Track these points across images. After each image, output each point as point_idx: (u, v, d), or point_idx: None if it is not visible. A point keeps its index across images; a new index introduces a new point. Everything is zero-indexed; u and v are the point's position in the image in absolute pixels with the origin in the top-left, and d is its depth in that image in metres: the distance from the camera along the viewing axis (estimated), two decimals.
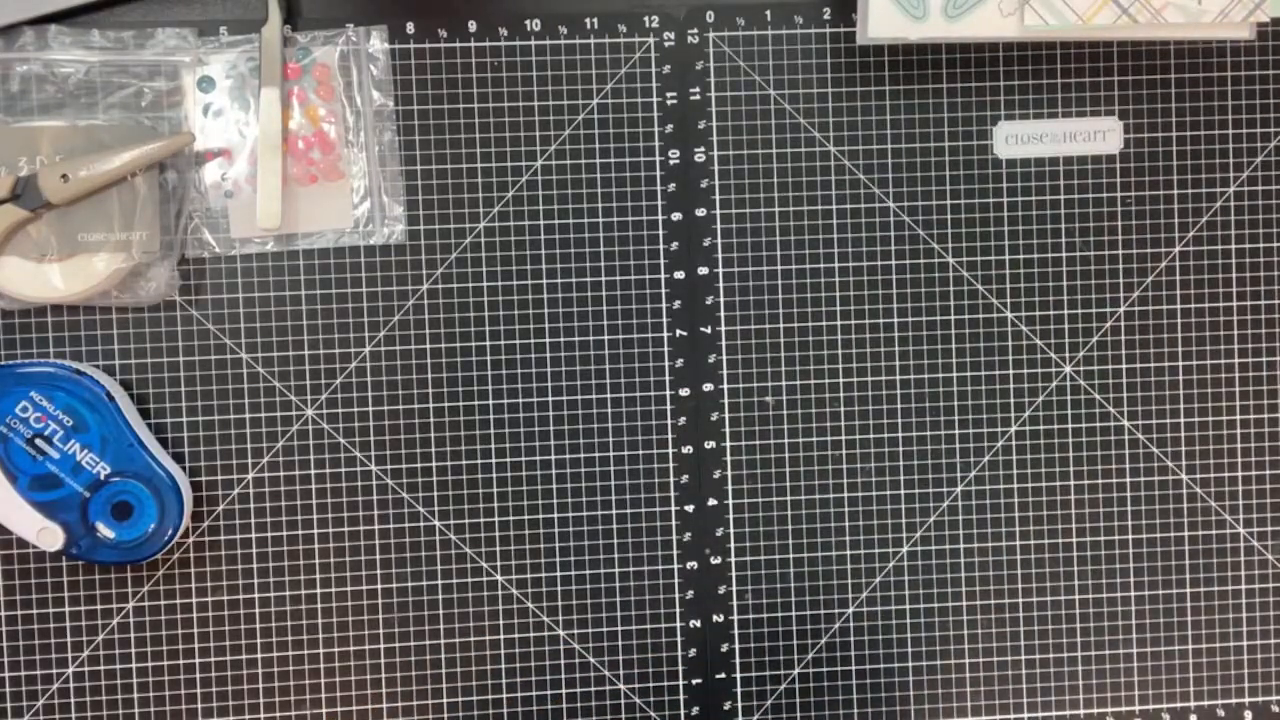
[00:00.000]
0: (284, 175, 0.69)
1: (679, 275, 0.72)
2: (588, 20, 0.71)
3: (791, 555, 0.73)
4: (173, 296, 0.70)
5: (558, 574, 0.72)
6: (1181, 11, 0.67)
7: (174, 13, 0.70)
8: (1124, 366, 0.74)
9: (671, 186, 0.72)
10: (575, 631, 0.72)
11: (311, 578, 0.71)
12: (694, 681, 0.73)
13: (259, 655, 0.71)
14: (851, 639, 0.74)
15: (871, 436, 0.73)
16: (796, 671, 0.74)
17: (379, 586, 0.71)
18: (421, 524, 0.72)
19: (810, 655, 0.74)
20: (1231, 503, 0.74)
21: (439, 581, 0.72)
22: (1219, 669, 0.75)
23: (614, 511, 0.72)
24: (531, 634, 0.72)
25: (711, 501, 0.73)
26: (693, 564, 0.73)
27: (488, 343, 0.71)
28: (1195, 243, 0.74)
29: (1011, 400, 0.74)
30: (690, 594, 0.73)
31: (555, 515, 0.72)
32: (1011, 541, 0.74)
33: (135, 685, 0.71)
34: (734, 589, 0.73)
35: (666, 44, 0.72)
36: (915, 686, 0.74)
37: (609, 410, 0.72)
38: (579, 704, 0.73)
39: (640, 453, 0.72)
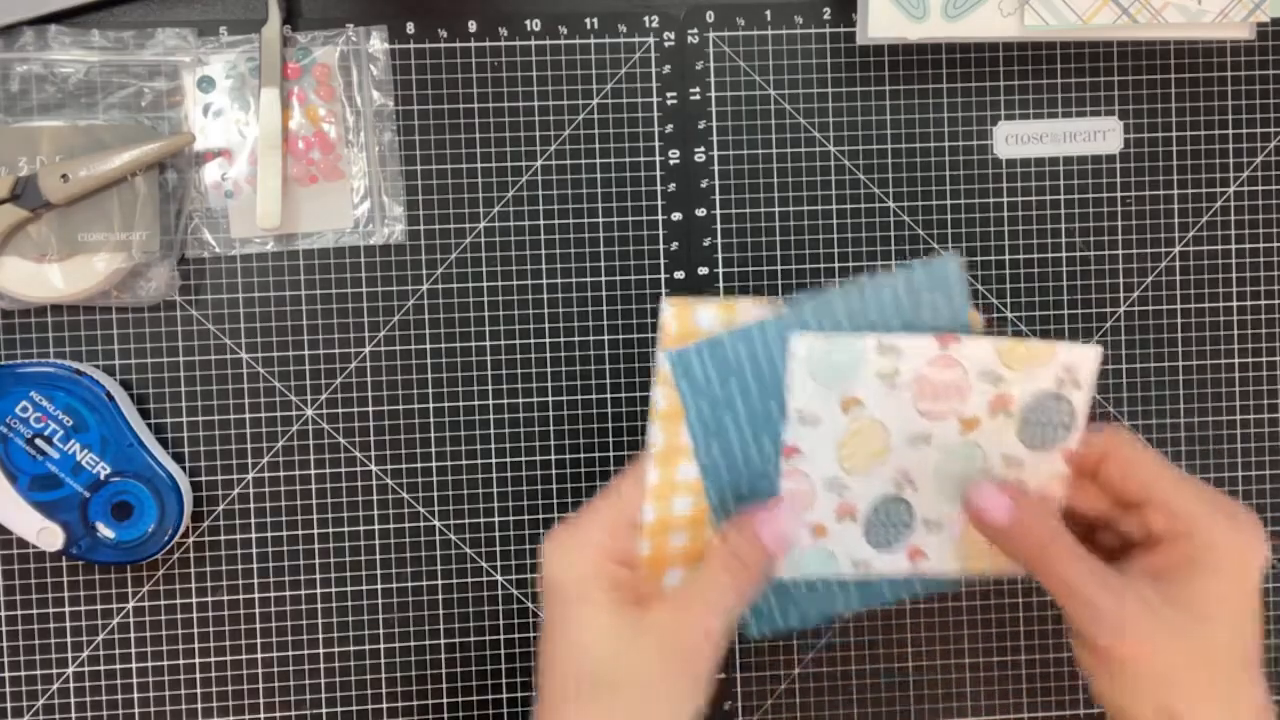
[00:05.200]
0: (284, 175, 0.69)
1: (679, 275, 0.72)
2: (588, 20, 0.71)
3: None
4: (173, 296, 0.70)
5: None
6: (1181, 11, 0.67)
7: (174, 13, 0.70)
8: (1124, 366, 0.74)
9: (671, 186, 0.72)
10: None
11: (311, 578, 0.71)
12: None
13: (259, 655, 0.71)
14: (851, 639, 0.74)
15: None
16: (796, 671, 0.74)
17: (379, 586, 0.71)
18: (421, 524, 0.72)
19: (810, 655, 0.74)
20: None
21: (439, 581, 0.72)
22: None
23: None
24: (531, 635, 0.72)
25: None
26: None
27: (488, 343, 0.71)
28: (1195, 243, 0.74)
29: None
30: None
31: (555, 516, 0.72)
32: None
33: (135, 685, 0.71)
34: None
35: (666, 44, 0.72)
36: (915, 686, 0.74)
37: (609, 410, 0.72)
38: None
39: (640, 453, 0.72)
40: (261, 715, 0.71)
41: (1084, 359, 0.56)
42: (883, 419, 0.56)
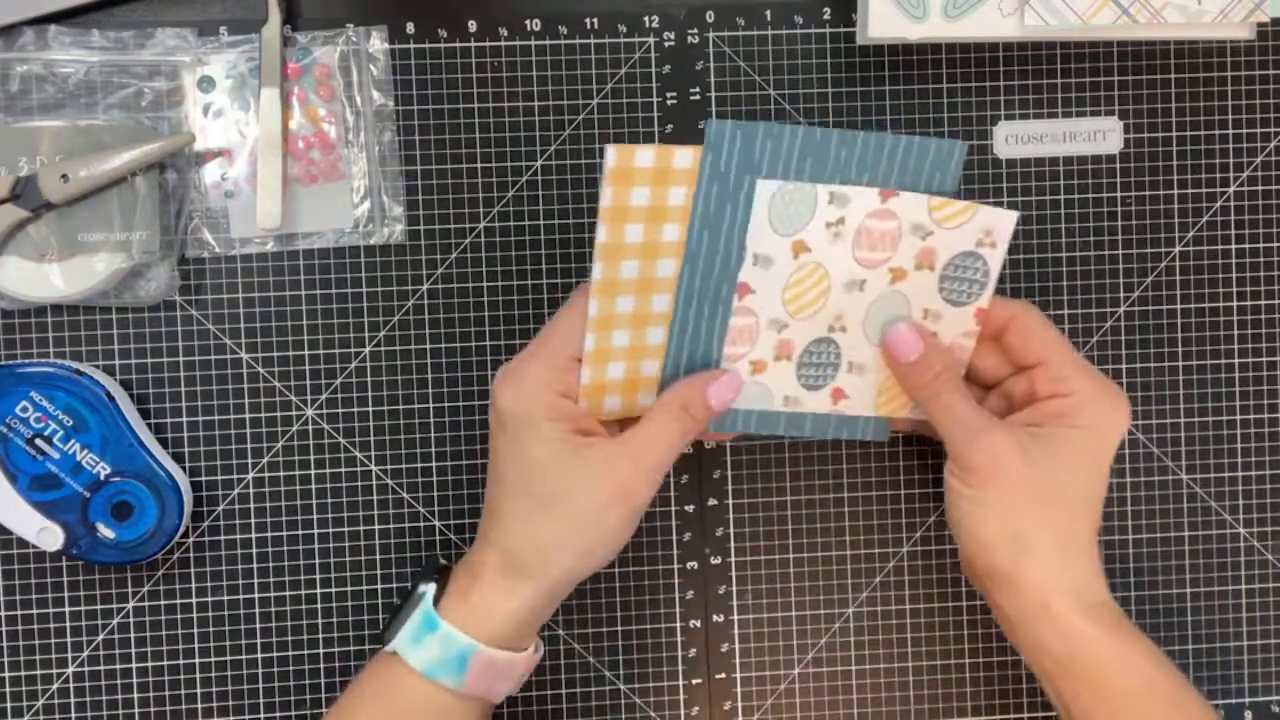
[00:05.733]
0: (284, 175, 0.69)
1: None
2: (588, 20, 0.71)
3: (791, 555, 0.73)
4: (173, 296, 0.70)
5: None
6: (1181, 11, 0.67)
7: (174, 13, 0.70)
8: (1124, 366, 0.74)
9: None
10: (575, 631, 0.72)
11: (311, 578, 0.71)
12: (694, 681, 0.73)
13: (259, 655, 0.71)
14: (851, 639, 0.74)
15: None
16: (796, 671, 0.74)
17: (379, 586, 0.71)
18: (421, 524, 0.72)
19: (810, 655, 0.74)
20: (1231, 503, 0.74)
21: None
22: (1219, 669, 0.75)
23: None
24: None
25: (711, 501, 0.73)
26: (693, 564, 0.73)
27: (488, 343, 0.71)
28: (1195, 243, 0.74)
29: None
30: (690, 594, 0.73)
31: None
32: None
33: (135, 685, 0.71)
34: (734, 589, 0.73)
35: (666, 44, 0.72)
36: (915, 686, 0.74)
37: None
38: (579, 704, 0.73)
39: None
40: (261, 715, 0.71)
41: (1002, 221, 0.63)
42: (825, 264, 0.63)
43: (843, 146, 0.61)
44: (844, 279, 0.63)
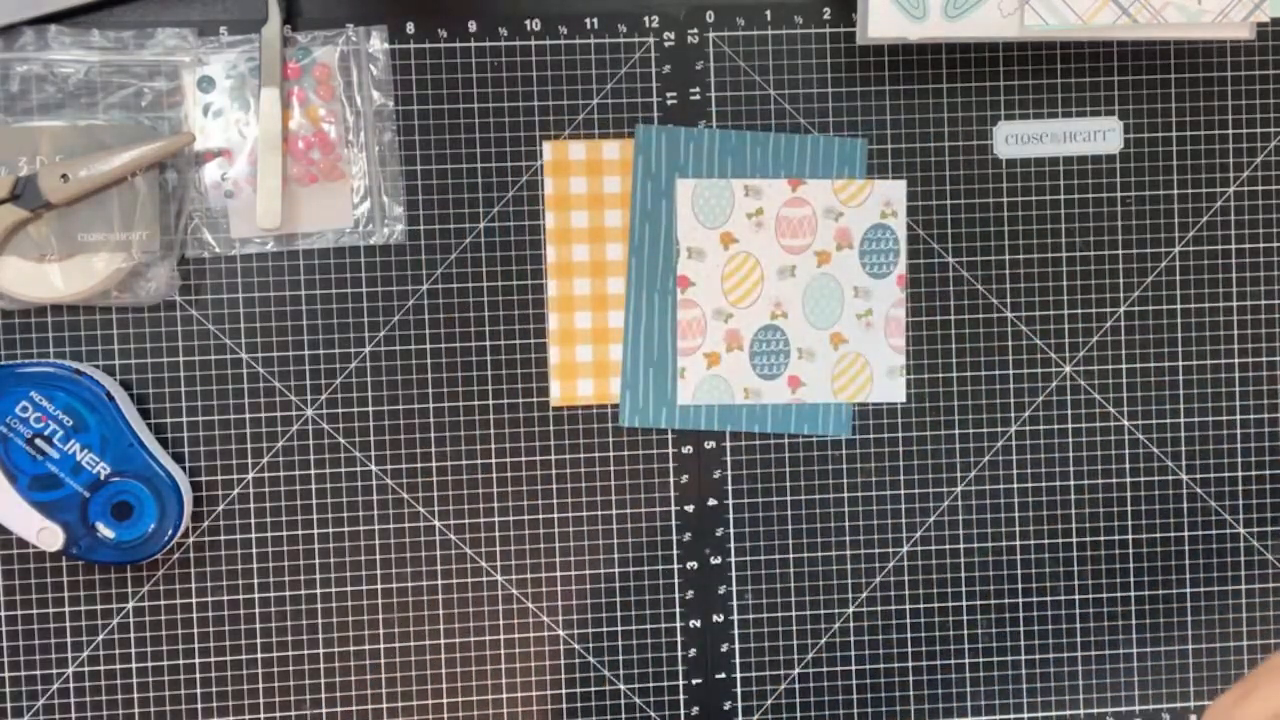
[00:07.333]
0: (284, 175, 0.69)
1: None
2: (588, 20, 0.71)
3: (791, 555, 0.73)
4: (173, 296, 0.70)
5: (558, 574, 0.72)
6: (1181, 11, 0.67)
7: (174, 13, 0.70)
8: (1124, 366, 0.74)
9: None
10: (575, 631, 0.72)
11: (311, 578, 0.71)
12: (694, 681, 0.73)
13: (259, 655, 0.71)
14: (851, 639, 0.74)
15: (871, 436, 0.73)
16: (796, 671, 0.74)
17: (379, 586, 0.71)
18: (421, 524, 0.72)
19: (810, 655, 0.74)
20: (1231, 503, 0.74)
21: (439, 581, 0.72)
22: (1219, 669, 0.75)
23: (614, 511, 0.72)
24: (531, 634, 0.72)
25: (711, 501, 0.73)
26: (693, 564, 0.73)
27: (488, 343, 0.71)
28: (1195, 243, 0.74)
29: (1011, 400, 0.74)
30: (690, 594, 0.73)
31: (555, 515, 0.72)
32: (1011, 541, 0.74)
33: (135, 685, 0.71)
34: (734, 589, 0.73)
35: (666, 44, 0.72)
36: (915, 686, 0.74)
37: (608, 410, 0.72)
38: (579, 704, 0.73)
39: (640, 453, 0.72)
40: (261, 715, 0.71)
41: (896, 189, 0.70)
42: (755, 252, 0.69)
43: (757, 145, 0.68)
44: (775, 266, 0.69)
